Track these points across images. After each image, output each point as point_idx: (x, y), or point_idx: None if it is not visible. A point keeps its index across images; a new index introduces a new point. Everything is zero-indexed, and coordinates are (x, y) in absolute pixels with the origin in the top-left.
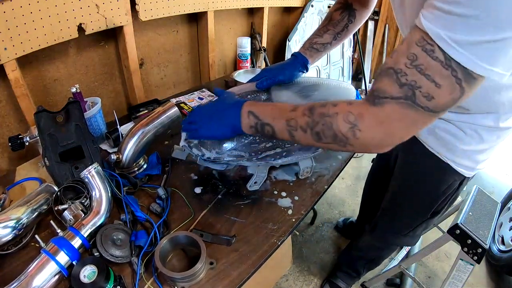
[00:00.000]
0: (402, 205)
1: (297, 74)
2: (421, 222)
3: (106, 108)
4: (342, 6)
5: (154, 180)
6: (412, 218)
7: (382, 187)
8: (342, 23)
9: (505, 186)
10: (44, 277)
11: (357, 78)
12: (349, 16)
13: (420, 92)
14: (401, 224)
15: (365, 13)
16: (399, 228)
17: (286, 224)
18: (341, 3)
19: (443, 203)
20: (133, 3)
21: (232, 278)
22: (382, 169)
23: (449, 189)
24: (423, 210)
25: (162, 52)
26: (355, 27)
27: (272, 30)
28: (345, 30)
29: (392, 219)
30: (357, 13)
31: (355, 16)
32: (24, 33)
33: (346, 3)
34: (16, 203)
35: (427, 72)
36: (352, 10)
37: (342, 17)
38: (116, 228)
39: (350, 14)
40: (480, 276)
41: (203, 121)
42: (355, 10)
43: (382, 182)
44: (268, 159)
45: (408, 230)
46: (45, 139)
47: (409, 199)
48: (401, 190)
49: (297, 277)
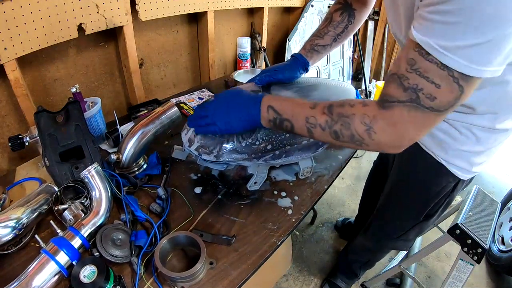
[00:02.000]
0: (394, 206)
1: (297, 75)
2: (413, 225)
3: (106, 108)
4: (342, 7)
5: (154, 180)
6: (404, 220)
7: (380, 189)
8: (343, 24)
9: (505, 186)
10: (44, 277)
11: (357, 78)
12: (349, 17)
13: (422, 94)
14: (393, 226)
15: (365, 13)
16: (391, 230)
17: (286, 224)
18: (341, 3)
19: (436, 206)
20: (133, 3)
21: (232, 278)
22: (381, 170)
23: (443, 191)
24: (415, 212)
25: (162, 52)
26: (355, 27)
27: (272, 30)
28: (345, 31)
29: (384, 221)
30: (357, 13)
31: (354, 16)
32: (24, 33)
33: (345, 3)
34: (16, 203)
35: (426, 75)
36: (352, 10)
37: (343, 18)
38: (116, 228)
39: (350, 15)
40: (480, 276)
41: (218, 115)
42: (354, 10)
43: (380, 184)
44: (268, 159)
45: (400, 233)
46: (45, 139)
47: (401, 200)
48: (394, 191)
49: (297, 277)
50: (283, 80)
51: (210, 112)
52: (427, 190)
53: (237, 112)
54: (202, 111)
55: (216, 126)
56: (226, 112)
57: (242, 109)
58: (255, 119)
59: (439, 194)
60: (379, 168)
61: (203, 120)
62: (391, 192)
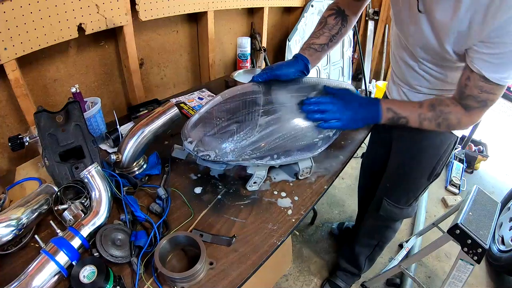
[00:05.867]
0: (408, 176)
1: (297, 73)
2: (424, 188)
3: (106, 108)
4: (335, 12)
5: (154, 180)
6: (419, 185)
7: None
8: (337, 27)
9: (505, 186)
10: (44, 277)
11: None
12: (343, 21)
13: (489, 100)
14: (408, 195)
15: (354, 20)
16: (406, 199)
17: (286, 224)
18: (334, 9)
19: (442, 164)
20: (133, 3)
21: (232, 278)
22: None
23: (448, 149)
24: (426, 177)
25: (162, 52)
26: (347, 31)
27: (272, 30)
28: (339, 33)
29: (399, 193)
30: (349, 19)
31: (347, 21)
32: (24, 33)
33: (339, 9)
34: (16, 203)
35: (490, 91)
36: (345, 16)
37: (337, 21)
38: (115, 228)
39: (343, 19)
40: (480, 276)
41: (346, 114)
42: (347, 16)
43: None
44: (267, 159)
45: (413, 200)
46: (45, 139)
47: (415, 168)
48: (404, 162)
49: (297, 277)
50: (281, 76)
51: (329, 107)
52: (437, 151)
53: (363, 113)
54: (320, 106)
55: (340, 122)
56: (355, 112)
57: (366, 110)
58: (376, 118)
59: (445, 152)
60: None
61: (319, 115)
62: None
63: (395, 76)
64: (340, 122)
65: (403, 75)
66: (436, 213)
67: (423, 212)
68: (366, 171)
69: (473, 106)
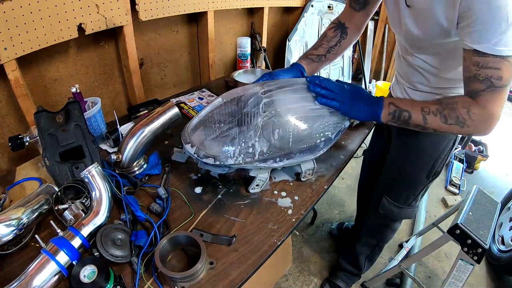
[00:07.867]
0: (406, 172)
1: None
2: (423, 187)
3: (106, 108)
4: (335, 26)
5: (154, 180)
6: (417, 182)
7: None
8: (335, 38)
9: (505, 186)
10: (44, 277)
11: (357, 78)
12: (342, 33)
13: (493, 78)
14: (408, 192)
15: (357, 34)
16: (405, 198)
17: (286, 224)
18: (335, 23)
19: (442, 162)
20: (133, 3)
21: (232, 278)
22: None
23: (447, 146)
24: (425, 175)
25: (162, 52)
26: (348, 43)
27: (272, 30)
28: (338, 44)
29: (398, 191)
30: (349, 31)
31: (347, 33)
32: (24, 33)
33: (339, 23)
34: (16, 203)
35: (489, 65)
36: (345, 28)
37: (336, 34)
38: (116, 228)
39: (343, 31)
40: (480, 276)
41: (345, 98)
42: (347, 28)
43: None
44: (270, 162)
45: (412, 199)
46: (45, 139)
47: (414, 164)
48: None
49: (297, 277)
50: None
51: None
52: (436, 149)
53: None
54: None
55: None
56: (351, 98)
57: (366, 101)
58: (377, 112)
59: (444, 149)
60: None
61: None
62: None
63: (398, 75)
64: (339, 103)
65: (404, 72)
66: (436, 213)
67: (423, 212)
68: (367, 167)
69: (478, 88)
